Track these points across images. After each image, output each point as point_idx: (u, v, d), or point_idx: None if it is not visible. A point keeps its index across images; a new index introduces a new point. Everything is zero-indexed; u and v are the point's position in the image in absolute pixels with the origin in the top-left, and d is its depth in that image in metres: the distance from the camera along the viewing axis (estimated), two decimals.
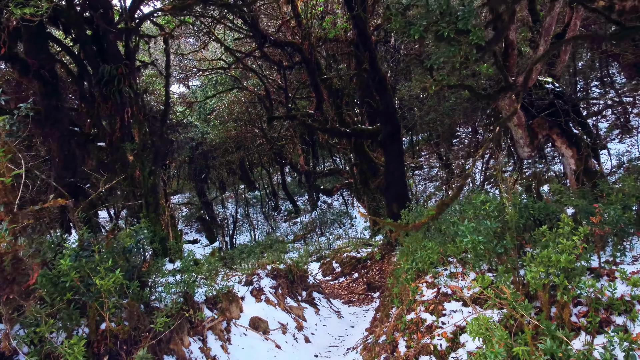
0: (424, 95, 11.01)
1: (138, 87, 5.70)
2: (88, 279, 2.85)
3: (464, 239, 2.91)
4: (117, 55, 5.36)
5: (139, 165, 5.20)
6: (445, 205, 3.86)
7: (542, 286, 2.83)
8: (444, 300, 3.57)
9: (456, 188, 3.88)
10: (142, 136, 5.33)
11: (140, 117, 5.37)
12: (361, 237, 16.69)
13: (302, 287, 6.66)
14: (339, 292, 9.40)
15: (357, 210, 19.46)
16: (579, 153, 8.43)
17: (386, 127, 9.30)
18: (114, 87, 5.04)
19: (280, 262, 6.56)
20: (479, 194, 3.93)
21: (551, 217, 3.72)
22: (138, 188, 5.20)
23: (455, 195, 3.92)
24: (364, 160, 10.53)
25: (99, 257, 2.95)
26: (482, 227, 2.97)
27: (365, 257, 10.41)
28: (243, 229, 22.10)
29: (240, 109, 15.98)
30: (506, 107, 8.32)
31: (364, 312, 7.52)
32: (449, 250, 3.67)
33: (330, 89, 10.34)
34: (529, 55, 9.01)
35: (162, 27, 6.56)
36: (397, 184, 9.70)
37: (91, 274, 2.83)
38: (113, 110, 5.18)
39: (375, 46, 9.61)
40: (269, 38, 8.64)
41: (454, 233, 3.58)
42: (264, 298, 5.58)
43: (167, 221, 5.42)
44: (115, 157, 5.27)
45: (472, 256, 3.33)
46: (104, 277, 2.76)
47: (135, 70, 5.58)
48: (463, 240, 2.93)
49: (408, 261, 3.87)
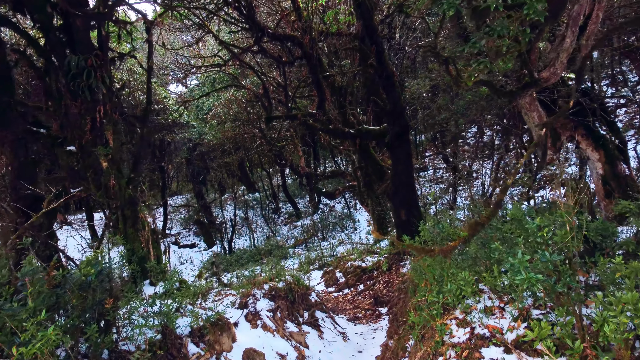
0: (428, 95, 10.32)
1: (113, 82, 5.01)
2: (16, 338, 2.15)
3: (517, 276, 2.22)
4: (87, 44, 4.65)
5: (114, 173, 4.50)
6: (479, 225, 3.17)
7: (624, 341, 2.14)
8: (480, 344, 2.87)
9: (493, 204, 3.20)
10: (117, 139, 4.63)
11: (115, 116, 4.67)
12: (365, 242, 15.99)
13: (303, 306, 5.97)
14: (344, 306, 8.72)
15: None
16: (606, 156, 7.72)
17: (393, 127, 8.61)
18: (83, 82, 4.35)
19: (279, 278, 5.86)
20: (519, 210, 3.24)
21: (609, 239, 3.03)
22: (113, 199, 4.51)
23: (492, 214, 3.23)
24: (370, 163, 9.84)
25: (33, 304, 2.25)
26: (538, 260, 2.28)
27: (371, 267, 9.72)
28: (242, 232, 21.42)
29: (238, 108, 15.29)
30: (526, 106, 7.62)
31: (371, 332, 6.83)
32: (487, 282, 2.97)
33: (332, 87, 9.64)
34: (546, 50, 8.23)
35: (143, 13, 5.87)
36: (405, 188, 9.01)
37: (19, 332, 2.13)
38: (82, 108, 4.48)
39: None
40: (267, 31, 7.94)
41: (493, 260, 2.89)
42: (260, 324, 4.90)
43: (148, 237, 4.73)
44: (87, 164, 4.57)
45: (517, 292, 2.63)
46: (29, 339, 2.06)
47: (108, 62, 4.87)
48: (515, 278, 2.23)
49: (433, 292, 3.18)
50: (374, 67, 7.85)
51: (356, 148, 9.60)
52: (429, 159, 22.58)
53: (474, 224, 3.20)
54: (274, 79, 12.73)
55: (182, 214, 25.67)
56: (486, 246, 3.45)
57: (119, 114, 4.85)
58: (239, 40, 13.44)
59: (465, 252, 3.39)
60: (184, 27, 10.52)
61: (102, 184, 4.45)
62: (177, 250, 19.59)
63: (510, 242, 3.53)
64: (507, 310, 3.14)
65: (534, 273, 2.24)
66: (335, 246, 15.64)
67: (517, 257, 2.23)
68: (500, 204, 3.19)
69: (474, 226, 3.19)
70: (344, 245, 16.22)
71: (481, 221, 3.19)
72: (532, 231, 2.42)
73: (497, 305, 3.22)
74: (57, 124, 4.89)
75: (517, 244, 2.36)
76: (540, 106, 7.67)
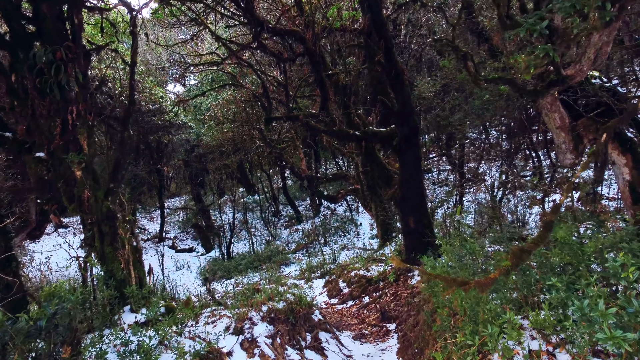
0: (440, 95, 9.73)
1: (88, 79, 4.43)
2: None
3: (600, 334, 1.65)
4: (58, 35, 4.07)
5: (89, 184, 3.92)
6: (526, 253, 2.60)
7: None
8: None
9: (542, 227, 2.64)
10: (93, 144, 4.05)
11: (89, 118, 4.08)
12: (368, 247, 15.41)
13: (306, 328, 5.39)
14: (348, 321, 8.14)
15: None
16: (634, 161, 7.14)
17: (402, 129, 8.04)
18: (51, 78, 3.77)
19: (279, 297, 5.29)
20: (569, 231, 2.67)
21: None
22: (88, 214, 3.93)
23: (541, 238, 2.66)
24: (376, 166, 9.27)
25: None
26: (624, 313, 1.70)
27: (376, 278, 9.14)
28: (242, 235, 20.84)
29: (236, 108, 14.71)
30: (547, 106, 7.03)
31: (379, 353, 6.25)
32: (533, 323, 2.40)
33: (336, 86, 9.06)
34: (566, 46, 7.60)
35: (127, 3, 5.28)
36: (413, 194, 8.44)
37: None
38: (52, 109, 3.90)
39: None
40: (267, 26, 7.38)
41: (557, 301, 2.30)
42: (257, 352, 4.32)
43: (128, 257, 4.14)
44: (58, 173, 3.99)
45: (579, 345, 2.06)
46: None
47: (82, 56, 4.28)
48: (598, 336, 1.66)
49: (466, 332, 2.60)
50: (382, 64, 7.28)
51: (361, 151, 9.03)
52: (432, 161, 22.01)
53: (518, 251, 2.62)
54: (274, 78, 12.17)
55: (180, 217, 25.08)
56: (526, 273, 2.87)
57: (95, 116, 4.26)
58: (237, 38, 12.88)
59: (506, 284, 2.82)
60: (180, 24, 9.95)
61: (75, 196, 3.87)
62: (174, 255, 19.02)
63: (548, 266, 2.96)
64: (558, 356, 2.56)
65: (619, 329, 1.67)
66: (337, 251, 15.06)
67: (599, 309, 1.66)
68: (552, 226, 2.63)
69: (519, 254, 2.61)
70: (346, 250, 15.65)
71: (528, 248, 2.62)
72: (614, 271, 1.85)
73: (545, 349, 2.64)
74: (23, 127, 4.29)
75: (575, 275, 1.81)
76: (561, 106, 7.11)
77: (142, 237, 21.36)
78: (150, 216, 26.02)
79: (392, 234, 13.00)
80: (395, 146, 8.31)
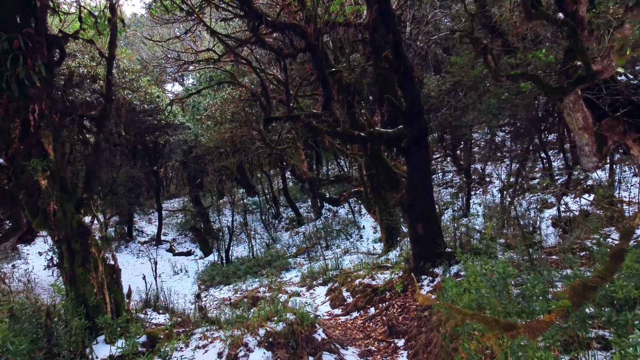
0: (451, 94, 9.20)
1: (55, 72, 3.90)
2: None
3: None
4: (17, 22, 3.52)
5: (56, 195, 3.37)
6: (590, 289, 2.09)
7: None
8: None
9: (611, 256, 2.13)
10: (59, 149, 3.51)
11: (55, 118, 3.53)
12: (372, 251, 14.89)
13: (308, 350, 4.88)
14: (353, 335, 7.62)
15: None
16: None
17: (411, 130, 7.52)
18: (7, 71, 3.23)
19: (279, 318, 4.77)
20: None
21: None
22: (54, 230, 3.38)
23: (610, 271, 2.14)
24: (382, 170, 8.74)
25: None
26: None
27: (382, 288, 8.62)
28: (241, 238, 20.34)
29: (235, 108, 14.19)
30: (570, 105, 6.50)
31: None
32: None
33: (339, 84, 8.54)
34: (588, 40, 7.02)
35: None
36: (422, 200, 7.91)
37: None
38: (10, 108, 3.35)
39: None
40: (266, 19, 6.86)
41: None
42: None
43: (102, 280, 3.58)
44: (19, 182, 3.44)
45: None
46: None
47: (45, 45, 3.72)
48: None
49: None
50: (389, 60, 6.76)
51: (366, 153, 8.50)
52: (436, 162, 21.48)
53: (580, 287, 2.10)
54: (274, 76, 11.65)
55: (178, 219, 24.58)
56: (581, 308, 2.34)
57: (63, 115, 3.73)
58: (236, 35, 12.37)
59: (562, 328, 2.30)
60: (174, 19, 9.43)
61: (40, 209, 3.32)
62: (172, 259, 18.53)
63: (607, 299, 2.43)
64: None
65: None
66: (340, 256, 14.54)
67: None
68: (623, 257, 2.13)
69: (581, 292, 2.09)
70: (349, 254, 15.13)
71: (592, 283, 2.10)
72: None
73: None
74: None
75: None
76: (585, 105, 6.58)
77: (139, 240, 20.88)
78: (148, 218, 25.55)
79: (397, 238, 12.49)
80: (402, 148, 7.79)
